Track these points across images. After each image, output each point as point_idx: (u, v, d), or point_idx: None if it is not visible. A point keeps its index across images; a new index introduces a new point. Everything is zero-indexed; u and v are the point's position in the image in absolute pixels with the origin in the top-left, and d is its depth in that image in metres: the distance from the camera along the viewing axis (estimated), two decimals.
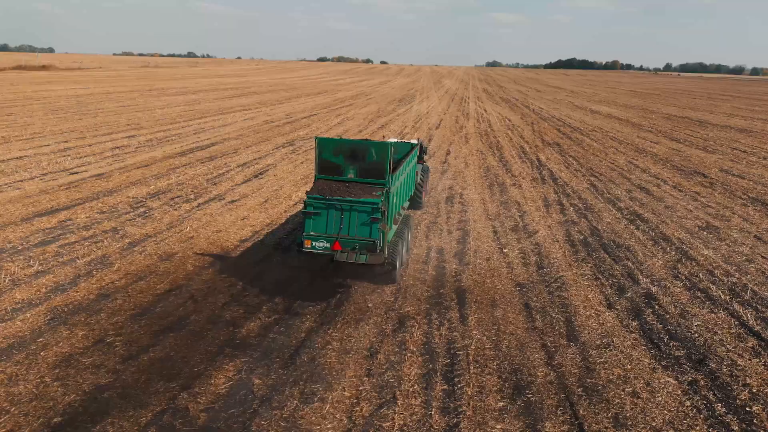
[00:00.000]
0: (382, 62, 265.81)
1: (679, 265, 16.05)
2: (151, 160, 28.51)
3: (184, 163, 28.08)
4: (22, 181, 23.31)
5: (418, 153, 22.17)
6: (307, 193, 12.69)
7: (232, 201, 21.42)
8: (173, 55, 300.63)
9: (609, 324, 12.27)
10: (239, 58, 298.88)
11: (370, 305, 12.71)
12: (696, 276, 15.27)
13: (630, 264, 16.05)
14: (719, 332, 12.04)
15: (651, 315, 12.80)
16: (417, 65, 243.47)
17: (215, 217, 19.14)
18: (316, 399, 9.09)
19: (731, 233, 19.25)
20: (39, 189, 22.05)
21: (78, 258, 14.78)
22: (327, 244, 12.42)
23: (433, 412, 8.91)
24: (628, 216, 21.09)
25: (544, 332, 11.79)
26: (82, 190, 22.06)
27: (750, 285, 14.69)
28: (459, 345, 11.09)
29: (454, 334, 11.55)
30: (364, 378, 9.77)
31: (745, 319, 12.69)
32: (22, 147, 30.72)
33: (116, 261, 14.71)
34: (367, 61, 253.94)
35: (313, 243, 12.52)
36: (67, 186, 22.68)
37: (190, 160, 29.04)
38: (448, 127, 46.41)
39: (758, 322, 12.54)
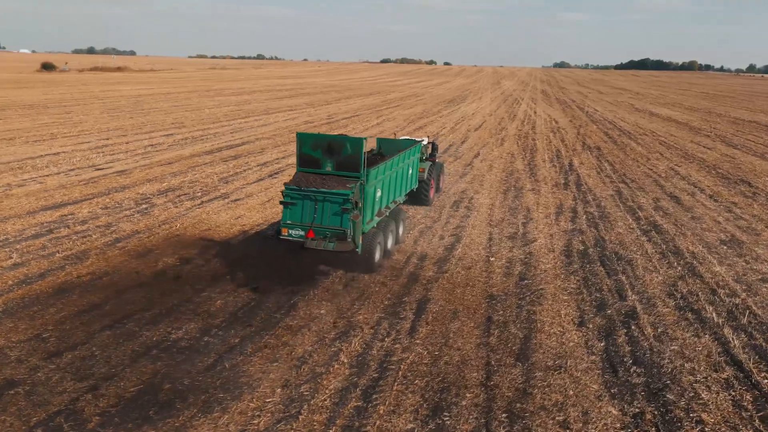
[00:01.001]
0: (446, 63, 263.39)
1: (679, 282, 14.70)
2: (177, 158, 29.22)
3: (207, 162, 28.61)
4: (48, 175, 24.40)
5: (425, 151, 21.98)
6: (285, 184, 13.41)
7: (236, 200, 21.54)
8: (243, 58, 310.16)
9: (571, 344, 11.30)
10: (305, 60, 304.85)
11: (322, 311, 12.31)
12: (694, 295, 13.91)
13: (624, 278, 14.84)
14: (694, 359, 10.84)
15: (623, 336, 11.71)
16: (480, 66, 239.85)
17: (210, 215, 19.27)
18: (217, 409, 8.79)
19: (756, 249, 17.50)
20: (59, 184, 22.99)
21: (58, 252, 15.19)
22: (302, 232, 13.18)
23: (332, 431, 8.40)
24: (645, 226, 19.62)
25: (494, 349, 11.00)
26: (98, 186, 22.83)
27: (753, 307, 13.23)
28: (395, 358, 10.50)
29: (396, 346, 10.96)
30: (278, 389, 9.38)
31: (732, 345, 11.38)
32: (64, 143, 32.27)
33: (93, 256, 14.99)
34: (430, 62, 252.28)
35: (290, 231, 13.30)
36: (87, 182, 23.53)
37: (214, 158, 29.56)
38: (489, 129, 45.20)
39: (745, 350, 11.22)
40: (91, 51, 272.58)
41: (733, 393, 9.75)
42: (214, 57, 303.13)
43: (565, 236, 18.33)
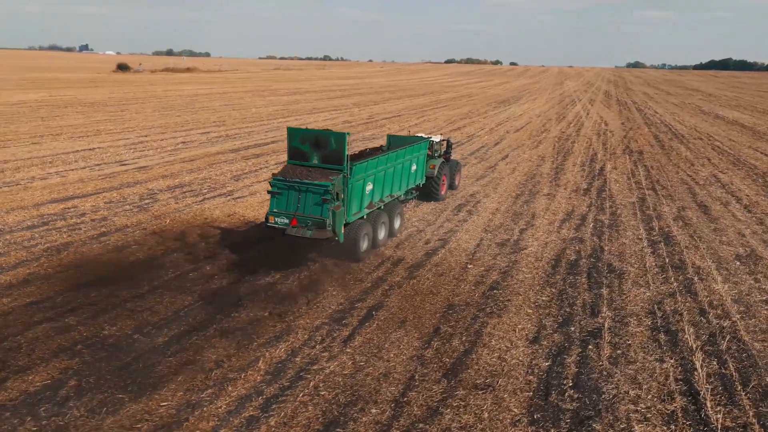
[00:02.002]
0: (512, 63, 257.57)
1: (667, 300, 13.44)
2: (202, 156, 29.86)
3: (228, 159, 29.06)
4: (72, 170, 25.47)
5: (438, 149, 22.34)
6: (273, 175, 14.34)
7: (238, 197, 21.68)
8: (310, 59, 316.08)
9: (513, 362, 10.49)
10: (370, 60, 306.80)
11: (266, 314, 12.04)
12: (678, 314, 12.66)
13: (606, 293, 13.72)
14: (645, 387, 9.79)
15: (575, 356, 10.77)
16: (547, 67, 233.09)
17: (205, 212, 19.45)
18: (104, 411, 8.66)
19: None
20: (79, 178, 23.94)
21: (41, 244, 15.70)
22: (286, 220, 13.97)
23: None
24: (655, 237, 18.17)
25: (426, 363, 10.36)
26: (113, 181, 23.60)
27: (741, 332, 11.87)
28: (316, 367, 10.08)
29: (324, 354, 10.54)
30: (180, 393, 9.17)
31: (696, 374, 10.21)
32: (104, 140, 33.71)
33: (72, 249, 15.40)
34: (496, 62, 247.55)
35: (276, 219, 14.11)
36: (105, 176, 24.37)
37: (236, 156, 30.00)
38: (530, 131, 43.66)
39: (709, 380, 10.03)
40: (169, 53, 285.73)
41: (673, 428, 8.69)
42: (282, 58, 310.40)
43: (561, 245, 17.24)
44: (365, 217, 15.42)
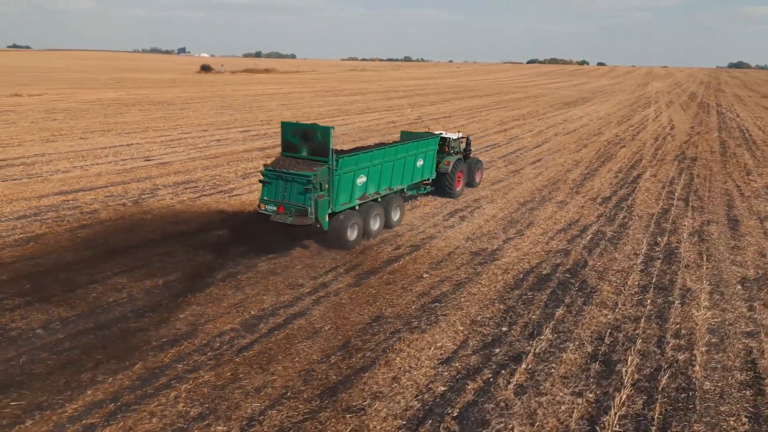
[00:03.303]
0: (599, 64, 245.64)
1: (627, 325, 11.89)
2: (228, 153, 30.33)
3: (249, 158, 29.31)
4: (97, 164, 26.57)
5: (457, 146, 22.60)
6: (264, 165, 15.41)
7: (236, 195, 21.71)
8: (391, 60, 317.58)
9: (406, 383, 9.55)
10: (450, 61, 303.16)
11: (180, 316, 11.76)
12: (631, 342, 11.14)
13: (560, 313, 12.35)
14: (538, 424, 8.56)
15: (479, 383, 9.65)
16: (636, 67, 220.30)
17: (193, 208, 19.55)
18: None
19: None
20: (99, 172, 24.91)
21: (16, 234, 16.30)
22: (275, 208, 14.84)
23: None
24: (656, 253, 16.32)
25: (312, 378, 9.63)
26: (128, 176, 24.36)
27: (695, 368, 10.24)
28: (192, 376, 9.63)
29: (210, 362, 10.07)
30: (40, 394, 9.02)
31: (609, 414, 8.82)
32: (145, 136, 35.10)
33: (43, 240, 15.86)
34: (582, 62, 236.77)
35: (266, 206, 15.02)
36: (124, 171, 25.21)
37: (259, 155, 30.21)
38: (582, 134, 41.20)
39: (622, 422, 8.63)
40: (257, 55, 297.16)
41: None
42: (364, 60, 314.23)
43: (542, 257, 15.83)
44: (357, 208, 16.05)
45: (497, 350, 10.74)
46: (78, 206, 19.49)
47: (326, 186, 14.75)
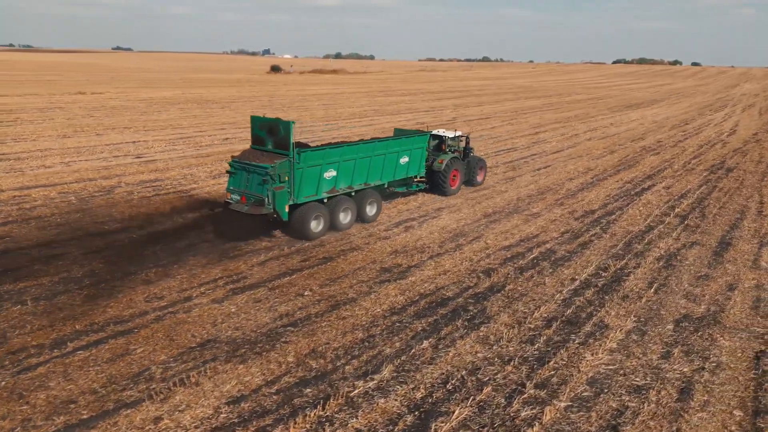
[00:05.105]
0: (694, 63, 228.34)
1: (490, 367, 9.96)
2: (224, 152, 29.94)
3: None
4: (87, 160, 26.90)
5: (455, 144, 22.46)
6: (231, 157, 16.36)
7: (193, 194, 21.16)
8: (468, 60, 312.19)
9: (169, 425, 8.28)
10: (531, 61, 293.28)
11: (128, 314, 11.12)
12: (478, 390, 9.25)
13: (422, 347, 10.59)
14: None
15: (249, 430, 8.20)
16: (733, 67, 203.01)
17: (148, 205, 19.11)
18: None
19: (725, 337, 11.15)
20: (79, 168, 25.18)
21: None
22: (238, 197, 15.69)
23: None
24: (598, 280, 14.01)
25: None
26: (102, 173, 24.31)
27: (535, 428, 8.25)
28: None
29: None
30: None
31: None
32: (158, 134, 35.57)
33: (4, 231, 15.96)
34: (675, 62, 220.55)
35: (231, 196, 15.89)
36: (106, 168, 25.35)
37: None
38: (619, 139, 37.78)
39: None
40: (337, 56, 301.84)
41: None
42: (441, 60, 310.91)
43: (459, 277, 13.97)
44: (326, 201, 16.45)
45: (308, 390, 9.22)
46: (29, 202, 19.57)
47: (286, 178, 15.23)
